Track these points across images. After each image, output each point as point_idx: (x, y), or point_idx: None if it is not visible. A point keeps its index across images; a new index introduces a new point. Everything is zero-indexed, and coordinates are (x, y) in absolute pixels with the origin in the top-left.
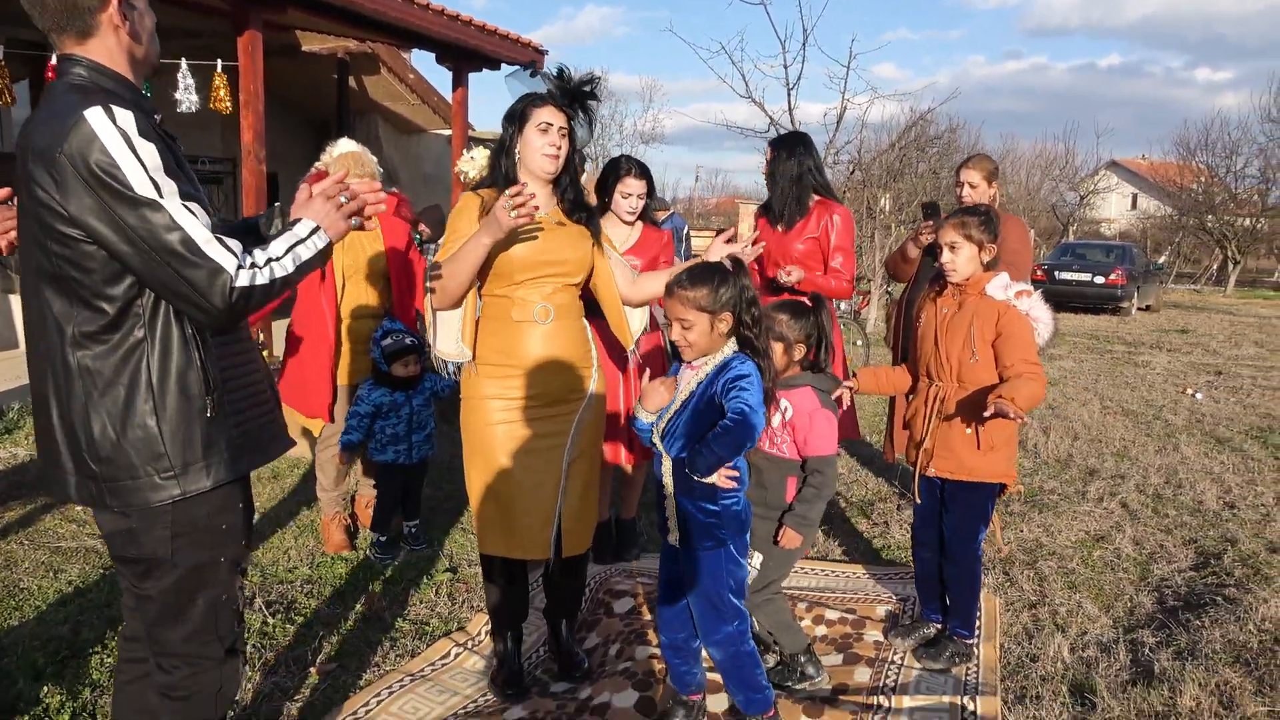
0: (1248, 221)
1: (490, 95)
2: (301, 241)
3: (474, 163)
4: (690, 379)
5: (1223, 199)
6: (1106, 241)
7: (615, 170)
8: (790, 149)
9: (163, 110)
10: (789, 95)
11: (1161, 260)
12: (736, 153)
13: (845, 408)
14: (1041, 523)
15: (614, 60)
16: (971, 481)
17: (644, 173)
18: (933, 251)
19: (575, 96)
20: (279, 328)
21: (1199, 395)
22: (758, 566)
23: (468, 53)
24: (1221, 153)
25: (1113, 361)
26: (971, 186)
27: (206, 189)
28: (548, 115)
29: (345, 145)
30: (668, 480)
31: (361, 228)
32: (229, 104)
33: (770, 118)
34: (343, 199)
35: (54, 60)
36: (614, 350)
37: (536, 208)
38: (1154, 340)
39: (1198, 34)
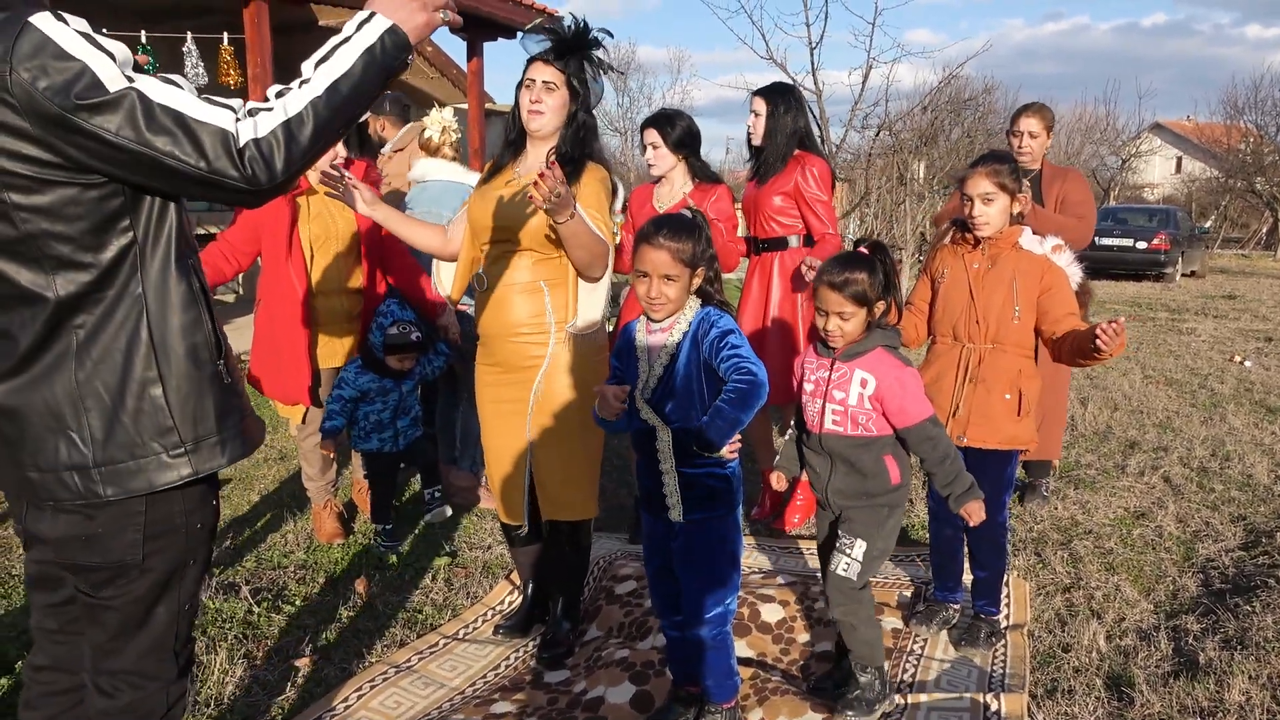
0: None
1: (509, 66)
2: (345, 42)
3: (435, 124)
4: (662, 342)
5: (1273, 159)
6: (1149, 205)
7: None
8: (787, 102)
9: None
10: (812, 56)
11: (1207, 225)
12: None
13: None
14: (1077, 499)
15: (643, 33)
16: (1003, 450)
17: (659, 122)
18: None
19: (569, 48)
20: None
21: (1248, 363)
22: (860, 558)
23: (482, 20)
24: (1272, 111)
25: (1155, 329)
26: (1031, 135)
27: None
28: (532, 71)
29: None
30: (665, 454)
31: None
32: (238, 77)
33: (792, 79)
34: None
35: None
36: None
37: (338, 183)
38: (1199, 306)
39: None
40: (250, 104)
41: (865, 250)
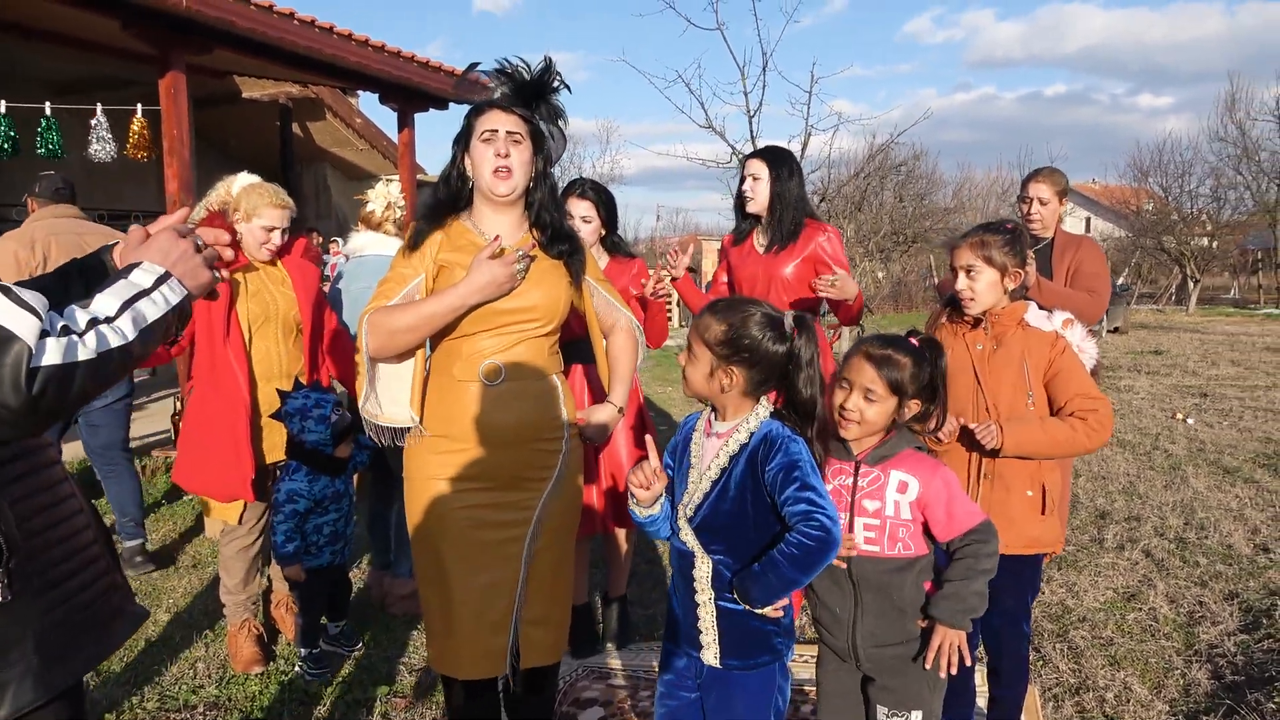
0: (1205, 241)
1: (440, 136)
2: (144, 294)
3: (380, 198)
4: (714, 449)
5: (1175, 219)
6: None
7: (566, 192)
8: (789, 167)
9: (80, 161)
10: (750, 123)
11: (1120, 280)
12: (699, 191)
13: None
14: (1063, 580)
15: (572, 105)
16: (1025, 554)
17: (593, 193)
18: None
19: (534, 91)
20: None
21: (1190, 420)
22: None
23: (412, 91)
24: (1174, 174)
25: None
26: (1041, 202)
27: None
28: (491, 120)
29: (247, 179)
30: (703, 585)
31: (220, 282)
32: (148, 150)
33: (732, 148)
34: (197, 241)
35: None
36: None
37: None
38: (1130, 363)
39: (1137, 62)
40: (74, 317)
41: (915, 341)
